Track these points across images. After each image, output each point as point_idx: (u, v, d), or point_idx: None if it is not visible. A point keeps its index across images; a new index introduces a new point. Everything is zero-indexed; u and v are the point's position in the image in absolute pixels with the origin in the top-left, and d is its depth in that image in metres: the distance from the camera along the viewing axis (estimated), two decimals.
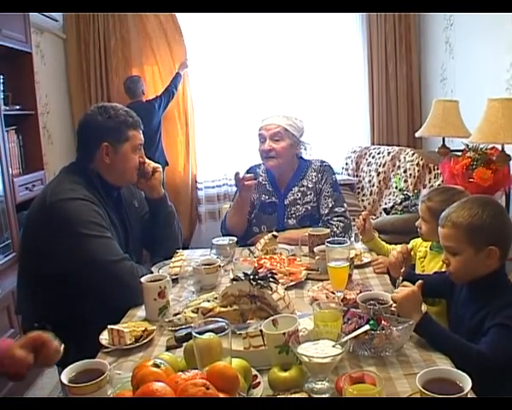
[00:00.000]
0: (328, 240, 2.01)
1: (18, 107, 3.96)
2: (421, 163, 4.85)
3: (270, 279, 1.74)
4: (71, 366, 1.35)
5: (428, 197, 2.45)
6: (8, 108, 3.81)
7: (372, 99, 6.00)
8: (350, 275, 2.04)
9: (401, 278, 2.05)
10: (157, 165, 2.48)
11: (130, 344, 1.70)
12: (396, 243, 2.70)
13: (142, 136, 2.37)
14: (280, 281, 1.89)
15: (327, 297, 1.96)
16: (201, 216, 6.15)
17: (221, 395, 1.07)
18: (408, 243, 2.70)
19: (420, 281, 1.78)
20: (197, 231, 6.15)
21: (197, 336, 1.35)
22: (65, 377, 1.31)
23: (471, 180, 3.38)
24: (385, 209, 4.64)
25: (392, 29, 5.85)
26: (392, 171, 5.17)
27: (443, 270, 2.12)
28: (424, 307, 1.75)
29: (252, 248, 2.62)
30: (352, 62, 6.02)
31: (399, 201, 4.48)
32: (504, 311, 1.69)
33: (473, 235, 1.78)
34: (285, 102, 5.58)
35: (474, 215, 1.79)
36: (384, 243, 2.69)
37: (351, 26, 5.94)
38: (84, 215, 2.10)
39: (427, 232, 2.41)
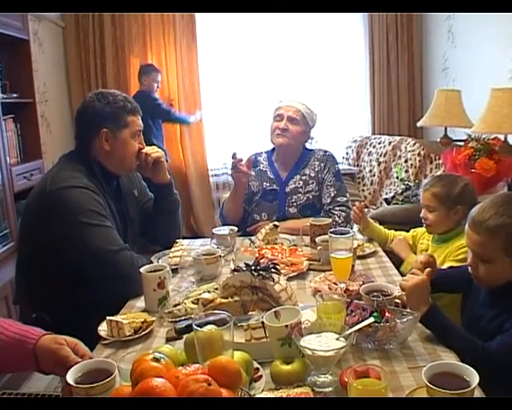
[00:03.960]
0: (331, 230, 1.98)
1: (16, 95, 3.92)
2: (422, 153, 4.82)
3: (272, 270, 1.71)
4: (77, 365, 1.30)
5: (432, 184, 2.43)
6: (5, 96, 3.76)
7: (373, 88, 5.97)
8: (352, 266, 2.01)
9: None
10: (159, 155, 2.44)
11: (129, 336, 1.67)
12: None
13: (141, 122, 2.34)
14: (281, 272, 1.86)
15: (329, 288, 1.93)
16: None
17: (223, 391, 1.04)
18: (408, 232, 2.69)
19: (428, 269, 1.74)
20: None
21: (198, 329, 1.32)
22: (70, 377, 1.25)
23: (473, 170, 3.36)
24: (386, 199, 4.61)
25: (394, 18, 5.82)
26: (393, 161, 5.13)
27: (457, 265, 2.09)
28: None
29: (252, 238, 2.59)
30: (353, 52, 5.99)
31: (400, 191, 4.46)
32: None
33: (511, 245, 1.66)
34: (287, 93, 5.55)
35: None
36: (381, 227, 2.67)
37: (352, 15, 5.90)
38: (84, 204, 2.07)
39: (435, 222, 2.38)
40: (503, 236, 1.66)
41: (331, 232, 1.94)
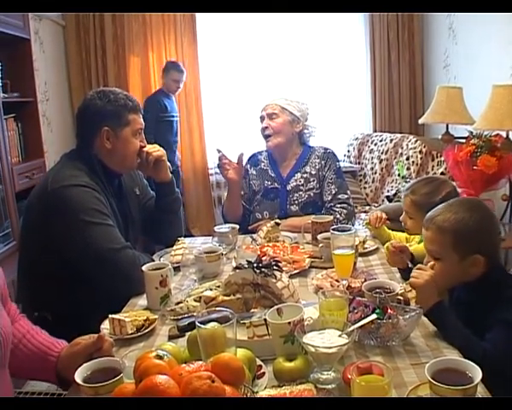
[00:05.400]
0: (333, 227, 1.98)
1: (17, 94, 3.91)
2: (423, 150, 4.82)
3: (274, 267, 1.71)
4: (85, 364, 1.30)
5: (412, 190, 2.37)
6: (6, 95, 3.76)
7: (374, 86, 5.96)
8: (354, 263, 2.01)
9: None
10: (160, 153, 2.44)
11: (131, 334, 1.67)
12: (398, 231, 2.67)
13: (142, 120, 2.34)
14: (283, 269, 1.85)
15: (331, 285, 1.93)
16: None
17: (226, 388, 1.04)
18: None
19: (431, 262, 1.75)
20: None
21: (201, 326, 1.32)
22: (79, 376, 1.25)
23: (475, 168, 3.35)
24: (387, 197, 4.62)
25: (395, 16, 5.81)
26: (395, 158, 5.13)
27: None
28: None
29: (254, 235, 2.59)
30: (354, 50, 5.98)
31: (402, 188, 4.45)
32: (508, 305, 1.64)
33: (458, 242, 1.72)
34: (288, 91, 5.56)
35: (460, 221, 1.72)
36: (385, 227, 2.66)
37: (353, 13, 5.87)
38: (86, 202, 2.07)
39: (413, 227, 2.35)
40: (451, 232, 1.72)
41: (333, 230, 1.94)
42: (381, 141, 5.41)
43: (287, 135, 2.94)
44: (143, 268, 1.92)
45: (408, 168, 4.87)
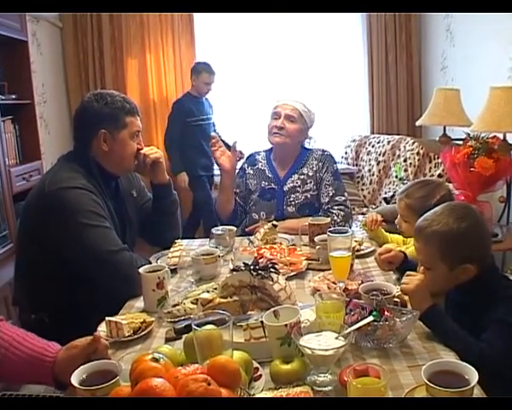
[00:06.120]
0: (330, 229, 1.98)
1: (14, 96, 3.91)
2: (421, 152, 4.82)
3: (271, 270, 1.71)
4: (82, 367, 1.30)
5: (407, 194, 2.35)
6: (4, 97, 3.76)
7: (372, 88, 5.95)
8: (351, 265, 2.01)
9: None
10: (158, 155, 2.43)
11: (128, 336, 1.67)
12: (395, 233, 2.68)
13: (139, 122, 2.34)
14: (280, 271, 1.86)
15: (328, 288, 1.93)
16: None
17: (223, 391, 1.04)
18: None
19: (423, 267, 1.75)
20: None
21: (197, 328, 1.32)
22: (75, 379, 1.25)
23: (472, 169, 3.35)
24: (385, 198, 4.61)
25: (392, 17, 5.79)
26: (392, 160, 5.13)
27: None
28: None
29: (251, 237, 2.59)
30: (351, 51, 5.97)
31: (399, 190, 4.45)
32: (503, 305, 1.65)
33: (445, 254, 1.72)
34: (286, 92, 5.56)
35: (447, 232, 1.72)
36: (383, 230, 2.65)
37: (351, 15, 5.86)
38: (83, 204, 2.07)
39: (408, 230, 2.33)
40: (437, 243, 1.73)
41: (330, 232, 1.94)
42: (378, 143, 5.41)
43: (295, 141, 2.95)
44: (140, 270, 1.92)
45: (405, 170, 4.87)
